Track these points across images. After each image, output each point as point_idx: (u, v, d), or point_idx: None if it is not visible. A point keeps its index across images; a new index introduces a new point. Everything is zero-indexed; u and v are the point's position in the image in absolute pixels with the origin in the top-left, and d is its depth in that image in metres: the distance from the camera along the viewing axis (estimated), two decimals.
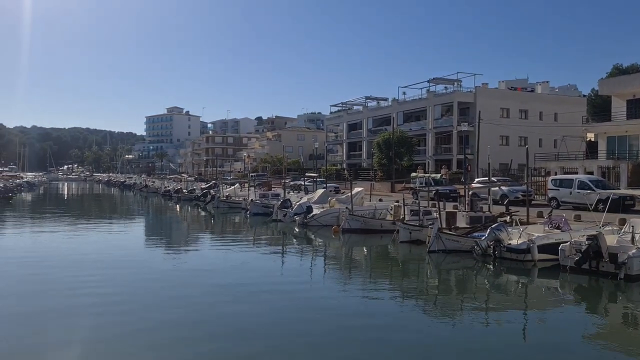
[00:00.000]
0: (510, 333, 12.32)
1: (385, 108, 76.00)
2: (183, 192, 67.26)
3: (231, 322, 12.58)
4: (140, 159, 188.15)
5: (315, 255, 24.98)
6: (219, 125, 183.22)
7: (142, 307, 13.92)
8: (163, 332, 11.70)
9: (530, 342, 11.79)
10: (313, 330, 12.06)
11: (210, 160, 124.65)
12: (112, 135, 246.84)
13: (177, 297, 15.05)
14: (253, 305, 14.16)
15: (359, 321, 12.80)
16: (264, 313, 13.36)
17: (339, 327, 12.20)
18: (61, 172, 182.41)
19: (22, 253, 23.30)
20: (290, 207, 35.65)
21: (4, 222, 38.97)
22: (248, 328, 12.10)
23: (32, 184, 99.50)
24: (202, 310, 13.59)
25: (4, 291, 15.64)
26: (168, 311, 13.46)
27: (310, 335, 11.66)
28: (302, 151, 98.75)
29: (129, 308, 13.69)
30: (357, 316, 13.26)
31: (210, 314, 13.35)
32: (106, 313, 13.09)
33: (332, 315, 13.31)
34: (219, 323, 12.53)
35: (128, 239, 30.90)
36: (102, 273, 18.45)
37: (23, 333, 11.55)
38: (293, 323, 12.54)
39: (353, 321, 12.75)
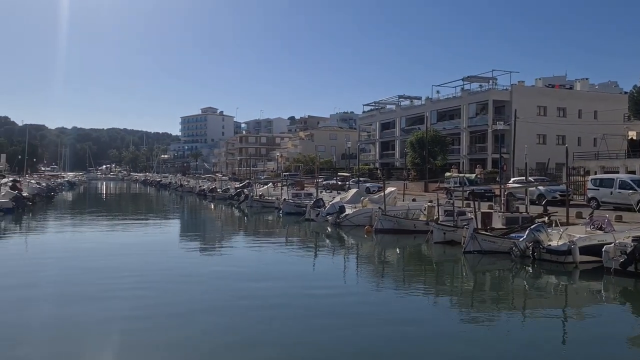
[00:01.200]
0: (550, 337, 11.94)
1: (418, 107, 75.25)
2: (217, 191, 68.10)
3: (263, 321, 12.57)
4: (176, 159, 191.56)
5: (348, 255, 24.89)
6: (252, 125, 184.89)
7: (174, 306, 14.03)
8: (195, 331, 11.79)
9: (571, 346, 11.41)
10: (344, 331, 11.94)
11: (244, 160, 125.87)
12: (149, 135, 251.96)
13: (210, 296, 15.20)
14: (285, 305, 14.14)
15: (392, 322, 12.62)
16: (296, 313, 13.34)
17: (371, 329, 12.06)
18: (100, 172, 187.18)
19: (62, 249, 24.00)
20: (323, 206, 35.63)
21: (47, 220, 40.26)
22: (280, 328, 12.09)
23: (72, 183, 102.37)
24: (234, 309, 13.64)
25: (44, 288, 16.08)
26: (201, 310, 13.53)
27: (342, 337, 11.55)
28: (334, 150, 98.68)
29: (161, 306, 13.84)
30: (390, 317, 13.09)
31: (242, 312, 13.36)
32: (138, 310, 13.30)
33: (364, 316, 13.17)
34: (250, 322, 12.52)
35: (164, 237, 31.44)
36: (137, 270, 18.79)
37: (61, 327, 11.86)
38: (324, 323, 12.44)
39: (386, 322, 12.58)
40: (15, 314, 12.99)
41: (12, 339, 11.00)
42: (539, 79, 70.97)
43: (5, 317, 12.61)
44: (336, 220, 32.46)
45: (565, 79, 78.76)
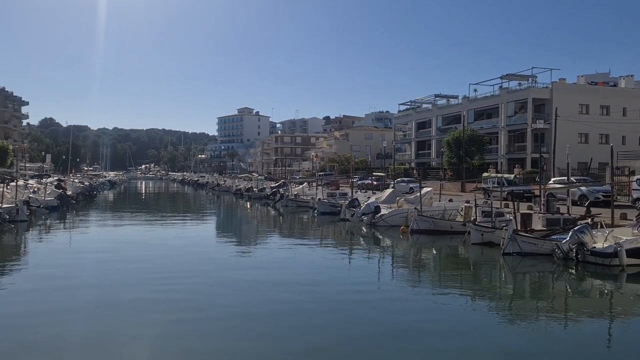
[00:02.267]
0: (595, 342, 11.57)
1: (455, 106, 74.15)
2: (253, 190, 68.77)
3: (299, 320, 12.63)
4: (212, 159, 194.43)
5: (383, 255, 24.73)
6: (288, 125, 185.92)
7: (211, 303, 14.24)
8: (231, 328, 11.93)
9: (617, 352, 11.03)
10: (379, 331, 11.84)
11: (279, 160, 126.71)
12: (186, 135, 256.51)
13: (244, 296, 15.30)
14: (320, 305, 14.17)
15: (428, 325, 12.48)
16: (331, 313, 13.33)
17: (406, 330, 11.94)
18: (139, 171, 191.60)
19: (103, 246, 24.63)
20: (358, 206, 35.51)
21: (89, 217, 41.51)
22: (315, 327, 12.10)
23: (113, 182, 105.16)
24: (268, 310, 13.69)
25: (85, 281, 16.56)
26: (234, 310, 13.67)
27: (377, 337, 11.46)
28: (369, 150, 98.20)
29: (198, 303, 14.08)
30: (425, 319, 12.95)
31: (276, 313, 13.42)
32: (174, 305, 13.56)
33: (399, 317, 13.06)
34: (284, 324, 12.56)
35: (201, 236, 31.95)
36: (173, 269, 19.14)
37: (101, 320, 12.17)
38: (359, 324, 12.38)
39: (421, 325, 12.44)
40: (56, 303, 13.45)
41: (55, 325, 11.41)
42: (581, 76, 68.85)
43: (48, 307, 13.12)
44: (371, 221, 32.30)
45: (609, 76, 76.08)
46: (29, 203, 37.41)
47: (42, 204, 41.03)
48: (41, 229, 32.52)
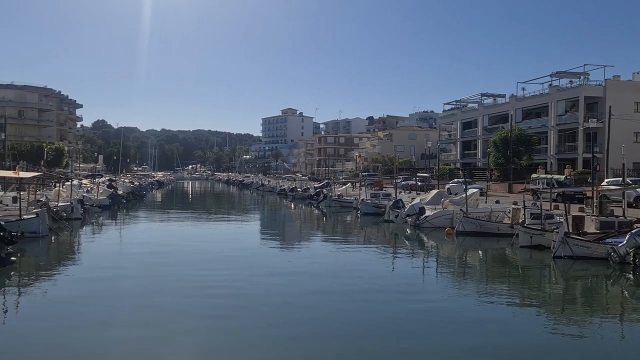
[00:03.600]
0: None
1: (502, 105, 72.44)
2: (297, 190, 69.25)
3: (342, 322, 12.60)
4: (257, 159, 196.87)
5: (428, 257, 24.41)
6: (331, 125, 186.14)
7: (253, 303, 14.35)
8: (273, 327, 12.03)
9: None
10: (423, 334, 11.69)
11: (323, 160, 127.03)
12: (231, 136, 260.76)
13: (289, 294, 15.43)
14: (364, 306, 14.08)
15: (473, 328, 12.23)
16: (375, 315, 13.23)
17: (451, 334, 11.74)
18: (186, 172, 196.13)
19: (152, 243, 25.32)
20: (402, 207, 35.20)
21: (138, 216, 42.80)
22: (358, 329, 12.05)
23: (161, 182, 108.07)
24: (313, 308, 13.77)
25: (131, 276, 17.06)
26: (277, 308, 13.79)
27: (420, 341, 11.32)
28: (413, 150, 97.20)
29: (239, 301, 14.25)
30: (471, 324, 12.65)
31: (321, 313, 13.47)
32: (215, 304, 13.80)
33: (443, 320, 12.86)
34: (330, 322, 12.58)
35: (245, 235, 32.39)
36: (218, 266, 19.48)
37: (145, 316, 12.54)
38: (403, 326, 12.26)
39: (467, 330, 12.20)
40: (105, 298, 13.94)
41: (105, 313, 11.90)
42: (637, 73, 65.96)
43: (98, 296, 13.65)
44: (416, 222, 31.96)
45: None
46: (83, 202, 38.97)
47: (94, 202, 42.67)
48: (94, 227, 33.79)
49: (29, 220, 25.08)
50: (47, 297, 14.99)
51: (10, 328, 12.10)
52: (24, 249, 22.01)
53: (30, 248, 22.89)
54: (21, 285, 16.85)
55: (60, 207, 32.45)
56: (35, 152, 72.10)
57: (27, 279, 17.67)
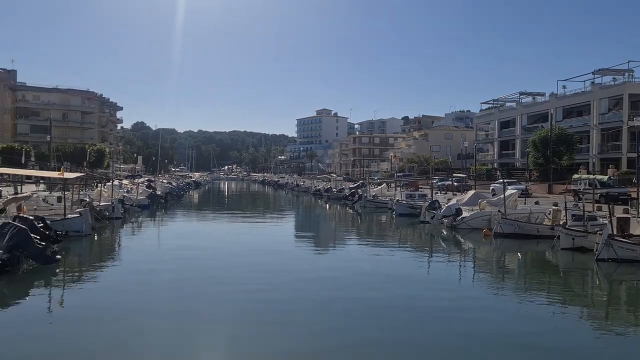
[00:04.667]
0: None
1: (541, 104, 70.72)
2: (332, 191, 69.31)
3: (376, 323, 12.54)
4: (292, 160, 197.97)
5: (464, 259, 24.05)
6: (366, 125, 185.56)
7: (286, 304, 14.43)
8: (299, 329, 12.07)
9: None
10: (458, 340, 11.48)
11: (357, 160, 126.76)
12: (266, 137, 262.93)
13: (323, 298, 15.42)
14: (399, 308, 13.99)
15: (512, 335, 11.95)
16: (411, 317, 13.14)
17: (488, 337, 11.54)
18: (222, 172, 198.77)
19: (189, 243, 25.78)
20: (439, 208, 34.79)
21: (176, 216, 43.65)
22: (388, 334, 11.94)
23: (198, 182, 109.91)
24: (346, 309, 13.75)
25: (168, 273, 17.40)
26: (307, 310, 13.83)
27: (456, 346, 11.13)
28: (449, 150, 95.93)
29: (274, 305, 14.33)
30: (510, 328, 12.40)
31: (354, 314, 13.44)
32: (248, 303, 13.92)
33: (481, 324, 12.62)
34: (363, 323, 12.55)
35: (281, 235, 32.63)
36: (252, 266, 19.66)
37: (181, 314, 12.78)
38: (439, 329, 12.11)
39: (505, 334, 11.95)
40: (142, 295, 14.29)
41: (141, 310, 12.20)
42: None
43: (134, 298, 14.01)
44: (452, 223, 31.54)
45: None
46: (124, 202, 40.02)
47: (134, 202, 43.75)
48: (134, 226, 34.64)
49: (73, 220, 25.90)
50: (89, 293, 15.49)
51: (55, 322, 12.58)
52: (68, 247, 22.74)
53: (74, 246, 23.63)
54: (65, 282, 17.43)
55: (102, 206, 33.41)
56: (78, 154, 74.40)
57: (70, 276, 18.25)
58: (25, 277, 17.03)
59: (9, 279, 16.01)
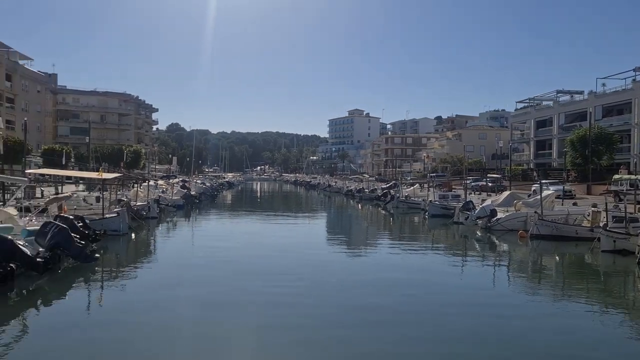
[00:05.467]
0: None
1: (580, 102, 68.91)
2: (364, 191, 69.12)
3: (409, 327, 12.44)
4: (324, 160, 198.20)
5: (499, 261, 23.59)
6: (398, 125, 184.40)
7: (317, 306, 14.44)
8: (332, 332, 12.03)
9: None
10: (495, 345, 11.26)
11: (390, 161, 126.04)
12: (298, 138, 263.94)
13: (349, 298, 15.35)
14: (433, 312, 13.82)
15: (548, 340, 11.63)
16: (442, 323, 12.92)
17: (525, 344, 11.27)
18: (255, 173, 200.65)
19: (222, 242, 26.09)
20: (473, 209, 34.28)
21: (210, 215, 44.26)
22: (426, 335, 11.84)
23: (231, 183, 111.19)
24: (381, 312, 13.67)
25: (201, 278, 17.64)
26: (336, 312, 13.76)
27: (491, 354, 10.92)
28: (483, 150, 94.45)
29: (303, 303, 14.42)
30: (547, 334, 12.06)
31: (388, 317, 13.35)
32: (279, 304, 13.94)
33: (517, 331, 12.34)
34: (396, 326, 12.46)
35: (313, 235, 32.72)
36: (283, 267, 19.81)
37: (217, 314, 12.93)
38: (473, 333, 11.90)
39: (541, 339, 11.63)
40: (176, 292, 14.54)
41: (174, 308, 12.41)
42: None
43: (168, 296, 14.27)
44: (487, 224, 31.03)
45: None
46: (159, 202, 40.80)
47: (169, 202, 44.55)
48: (169, 225, 35.28)
49: (111, 219, 26.54)
50: (126, 291, 15.85)
51: (93, 318, 12.93)
52: (106, 246, 23.32)
53: (112, 245, 24.21)
54: (104, 280, 17.89)
55: (139, 206, 34.13)
56: (115, 155, 76.24)
57: (108, 274, 18.72)
58: (66, 274, 17.55)
59: (50, 277, 16.52)
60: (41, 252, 16.80)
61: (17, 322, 12.64)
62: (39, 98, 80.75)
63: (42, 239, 17.36)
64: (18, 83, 72.52)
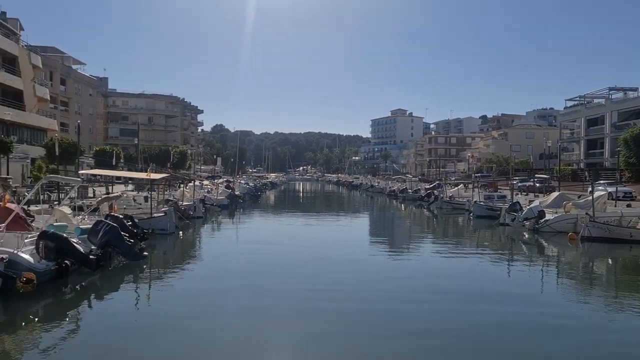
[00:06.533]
0: None
1: (634, 99, 66.13)
2: (407, 192, 68.52)
3: (453, 332, 12.23)
4: (366, 160, 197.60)
5: (548, 264, 22.88)
6: (442, 125, 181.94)
7: (357, 309, 14.36)
8: (373, 338, 11.95)
9: None
10: (544, 354, 10.94)
11: (433, 161, 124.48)
12: (341, 138, 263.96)
13: (397, 300, 15.25)
14: (479, 317, 13.49)
15: (600, 348, 11.23)
16: (485, 330, 12.60)
17: (576, 351, 10.91)
18: (297, 173, 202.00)
19: (265, 242, 26.40)
20: (520, 210, 33.43)
21: (254, 215, 44.85)
22: (469, 342, 11.60)
23: (274, 183, 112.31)
24: (422, 316, 13.52)
25: (244, 276, 17.88)
26: (378, 315, 13.67)
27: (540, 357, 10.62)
28: (531, 150, 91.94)
29: (345, 305, 14.38)
30: (600, 344, 11.59)
31: (431, 321, 13.15)
32: (320, 309, 13.94)
33: (567, 336, 11.95)
34: (443, 331, 12.26)
35: (355, 236, 32.66)
36: (325, 268, 19.80)
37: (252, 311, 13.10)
38: (520, 341, 11.50)
39: (593, 348, 11.25)
40: (220, 292, 14.84)
41: (218, 306, 12.70)
42: None
43: (212, 294, 14.57)
44: (534, 226, 30.21)
45: None
46: (204, 201, 41.64)
47: (215, 202, 45.41)
48: (214, 225, 35.95)
49: (158, 219, 27.26)
50: (173, 288, 16.26)
51: (142, 315, 13.34)
52: (154, 244, 23.98)
53: (159, 244, 24.86)
54: (152, 278, 18.41)
55: (185, 206, 34.93)
56: (162, 155, 78.24)
57: (156, 272, 19.26)
58: (116, 272, 18.17)
59: (102, 273, 17.14)
60: (93, 249, 17.46)
61: (72, 316, 13.20)
62: (91, 101, 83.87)
63: (94, 237, 18.02)
64: (72, 87, 75.54)
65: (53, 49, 75.34)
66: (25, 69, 53.75)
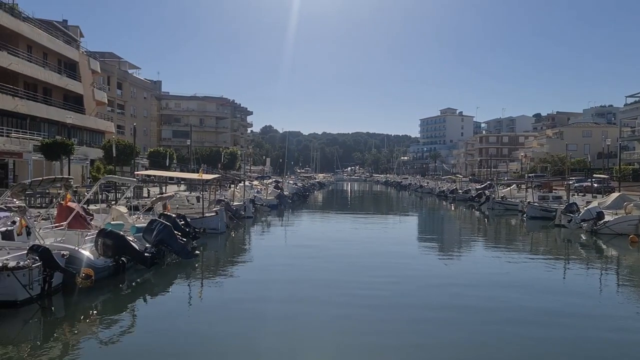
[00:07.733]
0: None
1: None
2: (458, 192, 67.31)
3: (508, 342, 11.91)
4: (415, 160, 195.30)
5: (607, 268, 21.86)
6: (493, 124, 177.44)
7: (410, 312, 14.19)
8: (427, 338, 11.77)
9: None
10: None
11: (484, 161, 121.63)
12: (389, 138, 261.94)
13: (445, 307, 14.92)
14: (534, 323, 12.97)
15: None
16: (552, 334, 12.25)
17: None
18: (345, 173, 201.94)
19: (313, 242, 26.46)
20: (577, 211, 32.19)
21: (302, 216, 45.20)
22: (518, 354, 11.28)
23: (322, 183, 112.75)
24: (474, 322, 13.21)
25: (292, 276, 18.00)
26: (425, 319, 13.48)
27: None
28: (588, 149, 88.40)
29: (390, 309, 14.25)
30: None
31: (484, 328, 12.87)
32: (367, 315, 13.86)
33: (629, 345, 11.43)
34: (496, 341, 11.96)
35: (404, 237, 32.34)
36: (375, 270, 19.70)
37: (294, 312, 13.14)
38: (577, 354, 11.07)
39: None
40: (270, 291, 15.01)
41: (265, 305, 12.87)
42: None
43: (260, 294, 14.76)
44: (592, 228, 29.01)
45: None
46: (254, 201, 42.28)
47: (264, 202, 46.03)
48: (263, 225, 36.45)
49: (210, 218, 27.88)
50: (224, 286, 16.64)
51: (194, 311, 13.73)
52: (206, 243, 24.54)
53: (211, 243, 25.42)
54: (203, 275, 18.84)
55: (236, 206, 35.58)
56: (213, 156, 79.98)
57: (208, 270, 19.71)
58: (169, 269, 18.70)
59: (156, 271, 17.69)
60: (148, 247, 18.04)
61: (129, 311, 13.72)
62: (145, 104, 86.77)
63: (148, 236, 18.62)
64: (127, 90, 78.42)
65: (110, 55, 78.49)
66: (85, 74, 56.25)
